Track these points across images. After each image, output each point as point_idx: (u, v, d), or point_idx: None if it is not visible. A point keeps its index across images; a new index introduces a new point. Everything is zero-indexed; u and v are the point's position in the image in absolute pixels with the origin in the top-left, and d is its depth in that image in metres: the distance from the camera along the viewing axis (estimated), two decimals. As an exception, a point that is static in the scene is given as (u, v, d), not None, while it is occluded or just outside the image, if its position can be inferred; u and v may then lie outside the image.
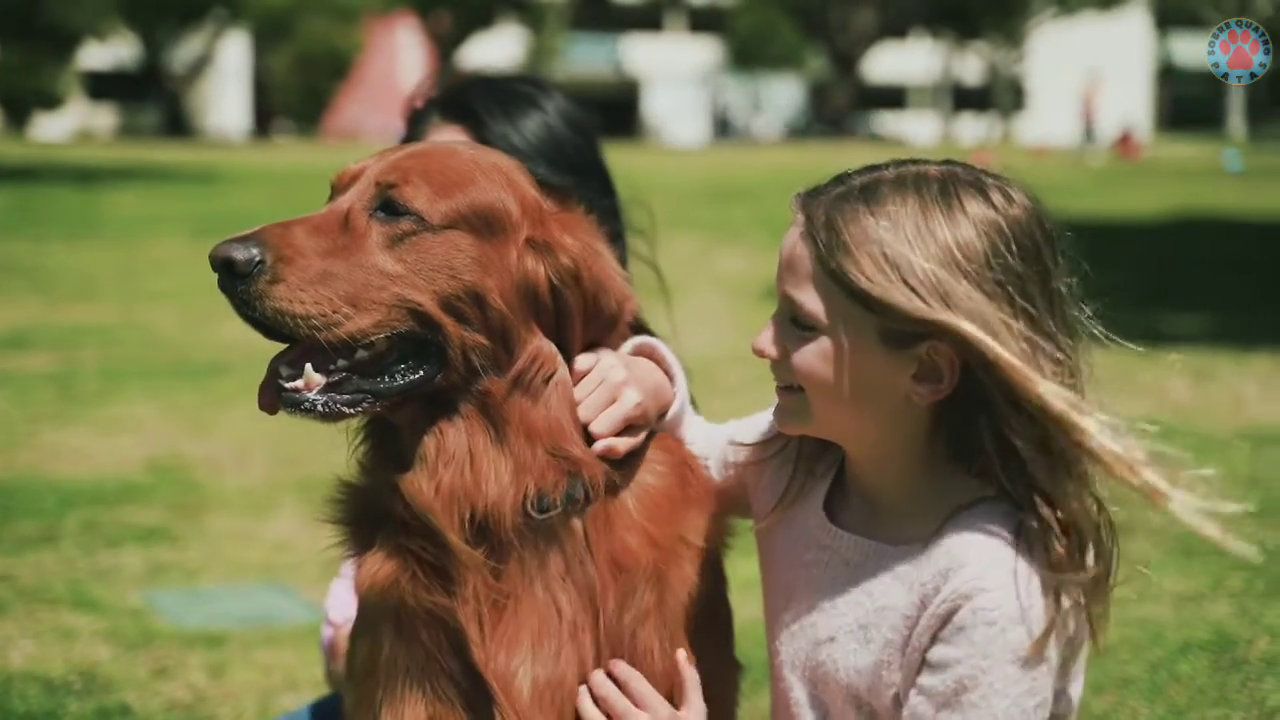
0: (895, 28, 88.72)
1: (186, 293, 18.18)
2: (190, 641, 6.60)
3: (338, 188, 2.94)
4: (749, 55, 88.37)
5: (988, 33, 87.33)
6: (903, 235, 2.63)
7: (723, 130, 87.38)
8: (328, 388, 2.82)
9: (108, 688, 6.07)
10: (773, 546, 2.98)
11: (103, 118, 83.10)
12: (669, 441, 3.05)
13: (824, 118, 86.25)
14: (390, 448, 2.91)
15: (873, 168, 2.77)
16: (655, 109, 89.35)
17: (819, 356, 2.71)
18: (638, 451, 2.97)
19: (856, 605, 2.77)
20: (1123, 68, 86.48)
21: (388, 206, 2.84)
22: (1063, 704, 2.76)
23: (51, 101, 73.81)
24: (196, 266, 20.46)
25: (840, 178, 2.78)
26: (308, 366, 2.81)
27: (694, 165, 48.32)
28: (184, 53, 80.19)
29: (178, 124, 77.55)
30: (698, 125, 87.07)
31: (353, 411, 2.84)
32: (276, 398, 2.83)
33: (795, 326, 2.74)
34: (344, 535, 3.01)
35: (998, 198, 2.69)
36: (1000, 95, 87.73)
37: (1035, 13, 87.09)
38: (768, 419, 3.07)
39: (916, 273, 2.61)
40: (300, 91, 76.21)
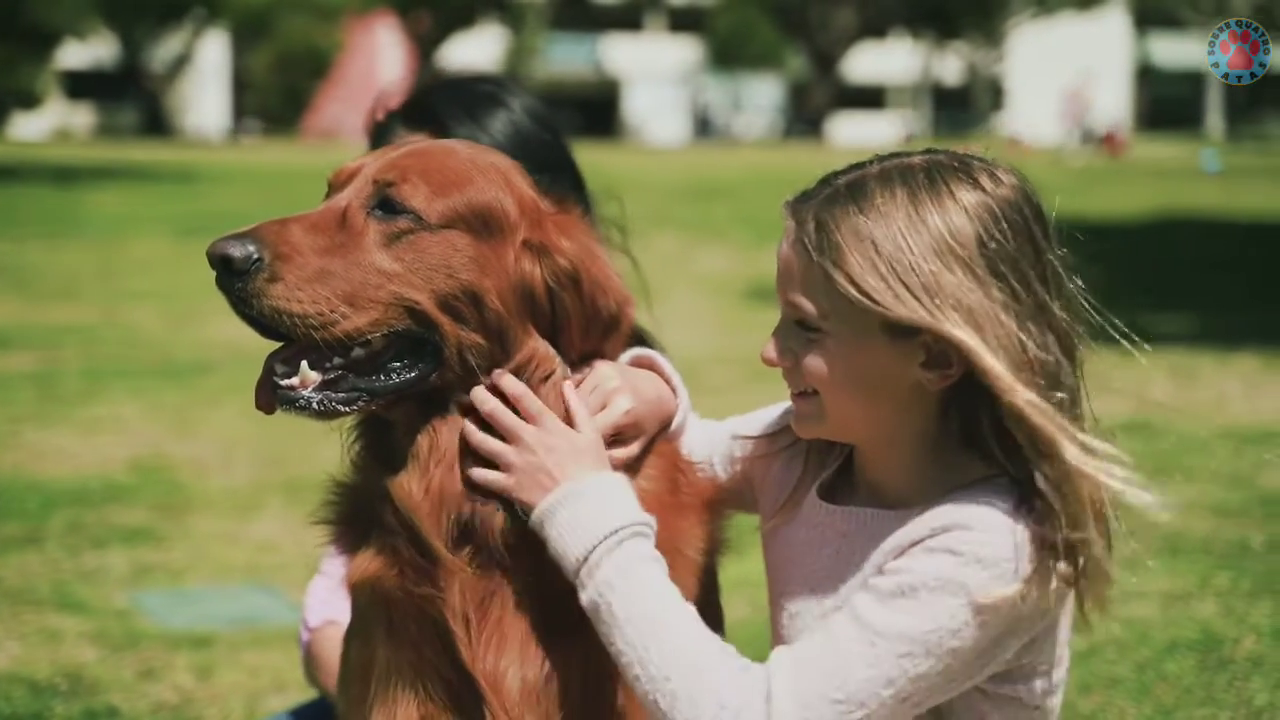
0: (875, 27, 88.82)
1: (168, 292, 18.16)
2: (176, 643, 6.58)
3: (335, 185, 2.93)
4: (729, 55, 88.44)
5: (967, 33, 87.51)
6: (894, 229, 2.64)
7: (703, 129, 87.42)
8: (323, 385, 2.80)
9: (94, 689, 6.05)
10: (773, 538, 2.98)
11: (81, 117, 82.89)
12: (661, 446, 3.04)
13: (804, 117, 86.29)
14: (383, 446, 2.89)
15: (857, 165, 2.78)
16: (635, 108, 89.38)
17: (827, 357, 2.72)
18: (636, 457, 2.96)
19: (854, 573, 2.77)
20: (1102, 68, 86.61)
21: (385, 205, 2.82)
22: (1033, 692, 2.76)
23: (30, 101, 73.57)
24: (178, 266, 20.59)
25: (826, 179, 2.79)
26: (303, 364, 2.80)
27: (674, 164, 48.33)
28: (163, 52, 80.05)
29: (157, 123, 77.40)
30: (678, 125, 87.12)
31: (348, 410, 2.82)
32: (272, 395, 2.81)
33: (801, 331, 2.75)
34: (336, 535, 3.00)
35: (985, 180, 2.71)
36: (980, 95, 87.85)
37: (1015, 13, 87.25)
38: (772, 413, 3.08)
39: (908, 271, 2.62)
40: (280, 91, 76.12)
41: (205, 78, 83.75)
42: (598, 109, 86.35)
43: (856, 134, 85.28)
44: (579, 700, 2.85)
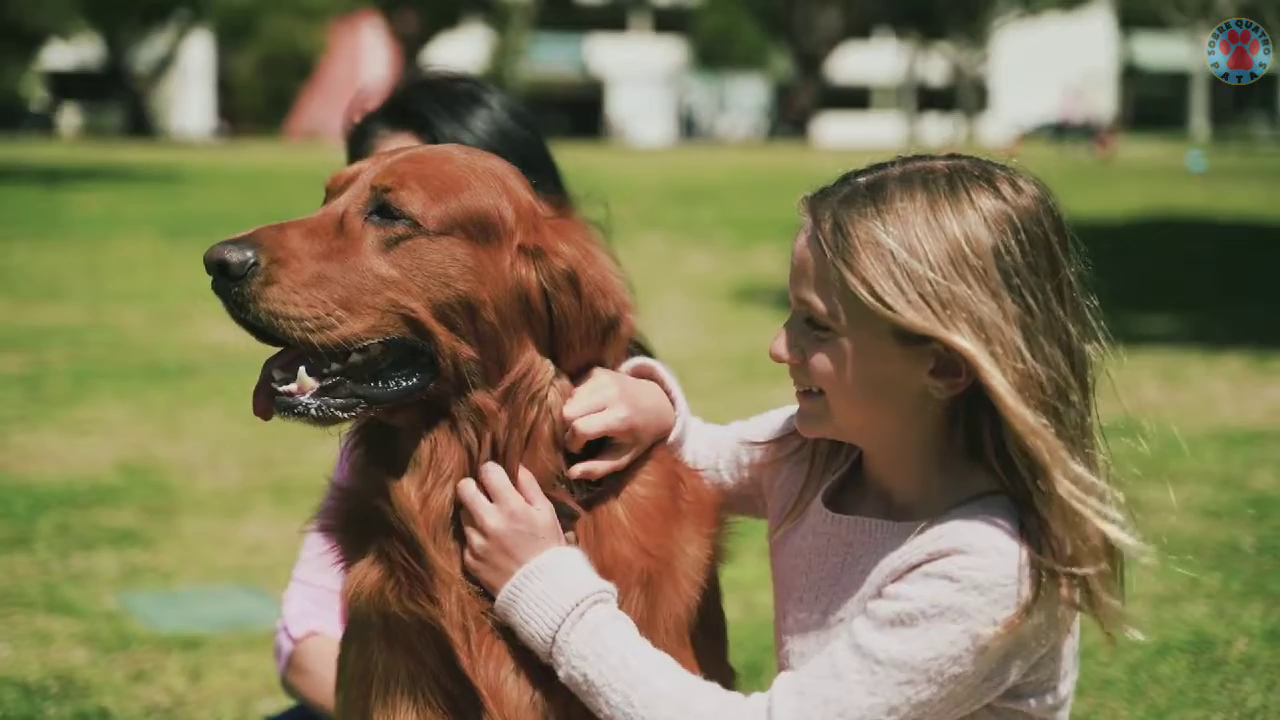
0: (860, 28, 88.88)
1: (154, 293, 18.13)
2: (167, 645, 6.57)
3: (332, 191, 2.91)
4: (714, 56, 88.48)
5: (952, 33, 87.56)
6: (911, 234, 2.61)
7: (688, 130, 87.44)
8: (321, 392, 2.78)
9: (85, 691, 6.05)
10: (781, 545, 2.97)
11: (66, 118, 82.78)
12: (660, 452, 3.02)
13: (789, 118, 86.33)
14: (384, 450, 2.88)
15: (878, 166, 2.75)
16: (620, 109, 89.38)
17: (836, 358, 2.70)
18: (633, 465, 2.95)
19: (859, 583, 2.76)
20: (1086, 68, 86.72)
21: (383, 210, 2.81)
22: (1042, 705, 2.75)
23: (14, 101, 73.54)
24: (164, 267, 20.54)
25: (846, 178, 2.76)
26: (301, 370, 2.78)
27: (659, 165, 48.32)
28: (147, 53, 79.94)
29: (141, 124, 77.29)
30: (663, 125, 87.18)
31: (346, 416, 2.81)
32: (270, 402, 2.80)
33: (811, 329, 2.73)
34: (334, 541, 2.98)
35: (1006, 189, 2.68)
36: (964, 95, 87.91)
37: (999, 13, 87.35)
38: (778, 418, 3.06)
39: (922, 278, 2.60)
40: (264, 92, 76.05)
41: (189, 79, 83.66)
42: (582, 109, 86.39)
43: (841, 135, 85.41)
44: (578, 710, 2.83)
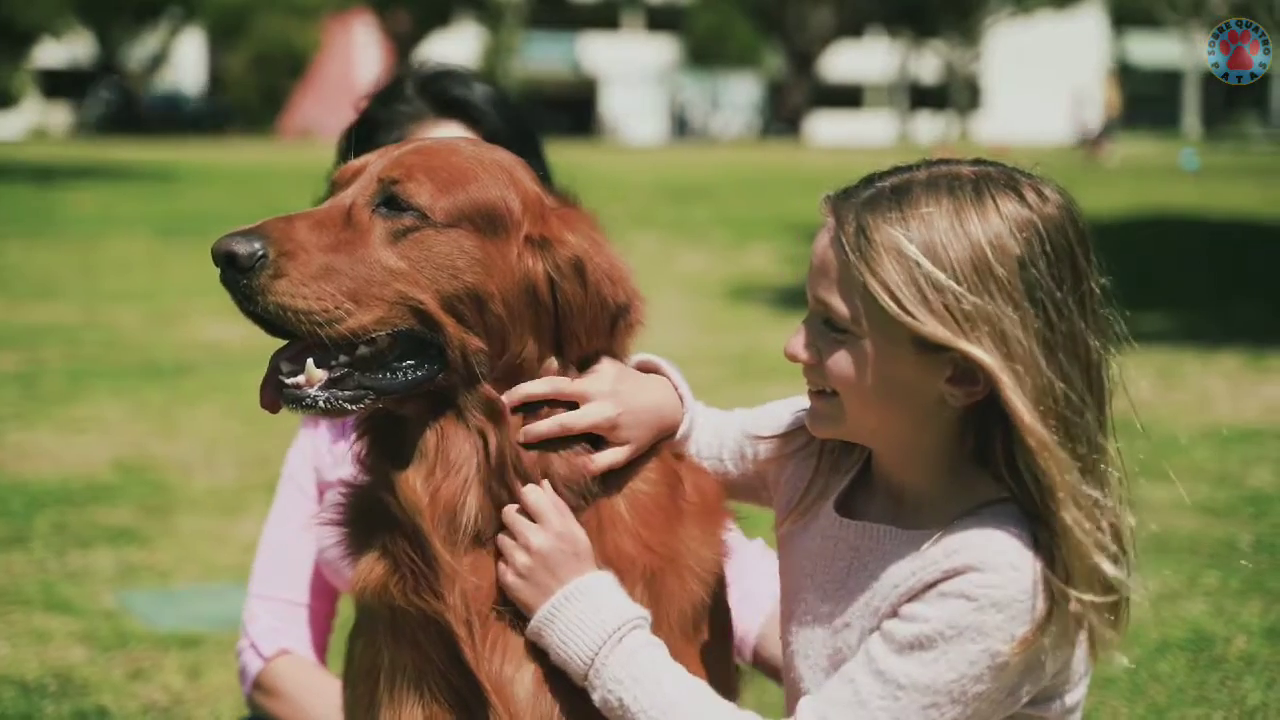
0: (852, 27, 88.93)
1: (149, 292, 18.11)
2: (165, 643, 6.56)
3: (339, 183, 2.91)
4: (706, 54, 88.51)
5: (944, 32, 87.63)
6: (935, 240, 2.59)
7: (680, 129, 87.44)
8: (330, 384, 2.78)
9: (84, 690, 6.04)
10: (788, 543, 2.96)
11: (57, 116, 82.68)
12: (663, 450, 3.01)
13: (781, 116, 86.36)
14: (389, 442, 2.87)
15: (903, 169, 2.73)
16: (613, 107, 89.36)
17: (853, 360, 2.68)
18: (636, 462, 2.94)
19: (866, 588, 2.75)
20: (1079, 67, 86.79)
21: (390, 202, 2.80)
22: (1062, 708, 2.74)
23: (6, 99, 73.46)
24: (158, 266, 20.53)
25: (870, 179, 2.73)
26: (309, 362, 2.78)
27: (652, 164, 48.29)
28: (139, 51, 79.84)
29: (133, 123, 77.18)
30: (655, 124, 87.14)
31: (355, 408, 2.80)
32: (278, 394, 2.79)
33: (829, 330, 2.71)
34: (340, 536, 2.97)
35: (1032, 196, 2.65)
36: (957, 94, 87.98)
37: (992, 12, 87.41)
38: (785, 410, 3.04)
39: (944, 286, 2.58)
40: (257, 90, 75.98)
41: (182, 77, 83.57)
42: (575, 108, 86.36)
43: (834, 133, 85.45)
44: (584, 704, 2.83)
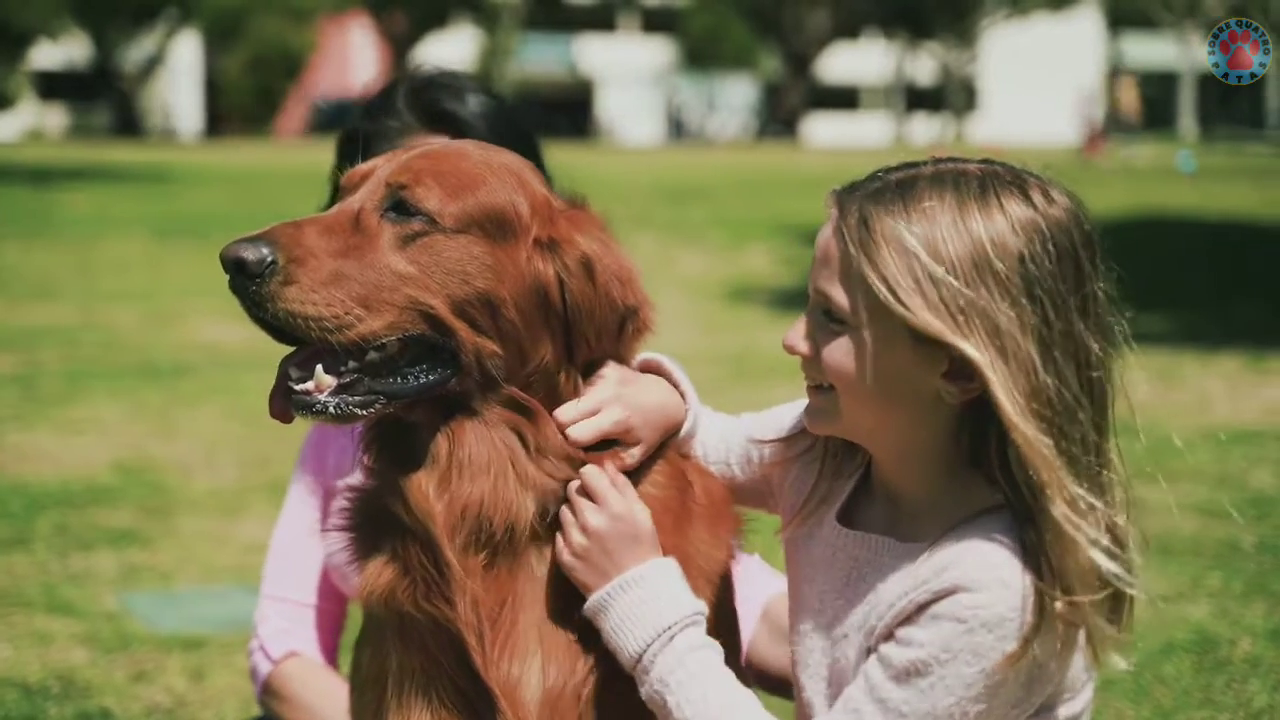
0: (848, 28, 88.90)
1: (146, 293, 18.11)
2: (168, 645, 6.56)
3: (347, 188, 2.90)
4: (702, 55, 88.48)
5: (940, 33, 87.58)
6: (936, 234, 2.59)
7: (677, 130, 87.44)
8: (339, 389, 2.77)
9: (87, 692, 6.03)
10: (793, 550, 2.96)
11: (54, 118, 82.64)
12: (670, 452, 3.00)
13: (778, 118, 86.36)
14: (398, 448, 2.86)
15: (910, 165, 2.72)
16: (609, 109, 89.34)
17: (849, 352, 2.67)
18: (644, 465, 2.93)
19: (862, 600, 2.75)
20: (1074, 68, 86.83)
21: (399, 207, 2.79)
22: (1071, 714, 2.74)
23: (2, 101, 73.43)
24: (155, 267, 20.52)
25: (877, 174, 2.73)
26: (318, 368, 2.76)
27: (649, 165, 48.29)
28: (136, 53, 79.75)
29: (129, 124, 77.15)
30: (652, 125, 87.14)
31: (365, 413, 2.79)
32: (287, 401, 2.78)
33: (828, 321, 2.70)
34: (347, 541, 2.96)
35: (1038, 197, 2.64)
36: (953, 96, 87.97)
37: (988, 13, 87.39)
38: (788, 414, 3.03)
39: (942, 279, 2.57)
40: (253, 92, 75.98)
41: (178, 79, 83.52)
42: (571, 109, 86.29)
43: (830, 134, 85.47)
44: (594, 707, 2.82)
